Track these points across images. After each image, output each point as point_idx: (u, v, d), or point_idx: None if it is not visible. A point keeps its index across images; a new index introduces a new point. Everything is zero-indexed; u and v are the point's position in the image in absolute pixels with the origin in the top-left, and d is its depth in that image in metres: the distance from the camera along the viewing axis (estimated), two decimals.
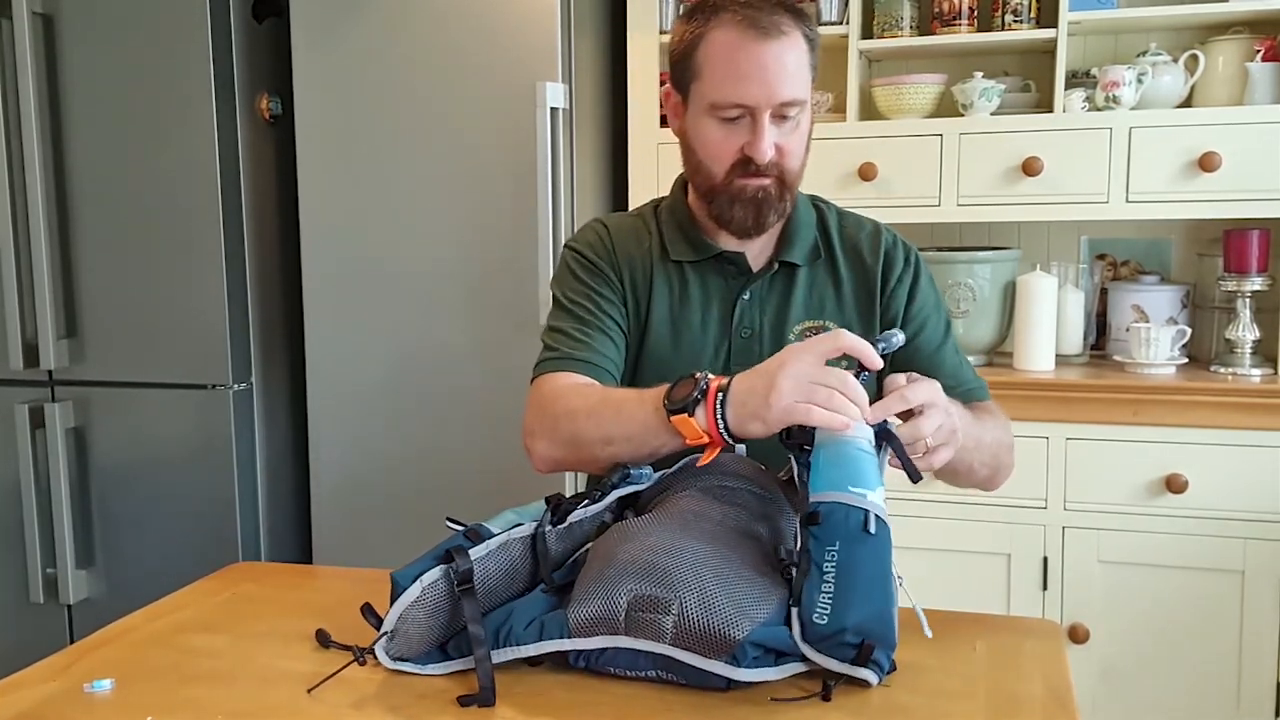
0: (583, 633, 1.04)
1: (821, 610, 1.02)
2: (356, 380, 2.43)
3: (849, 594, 1.02)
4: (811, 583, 1.03)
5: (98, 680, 1.07)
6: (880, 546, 1.05)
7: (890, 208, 2.42)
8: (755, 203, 1.34)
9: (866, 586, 1.03)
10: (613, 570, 1.06)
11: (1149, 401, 2.22)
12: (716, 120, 1.32)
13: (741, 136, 1.32)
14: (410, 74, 2.35)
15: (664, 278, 1.43)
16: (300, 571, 1.52)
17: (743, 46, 1.29)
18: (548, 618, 1.06)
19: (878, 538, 1.04)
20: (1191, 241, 2.58)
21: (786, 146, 1.33)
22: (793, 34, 1.29)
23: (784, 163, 1.33)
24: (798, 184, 1.38)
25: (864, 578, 1.03)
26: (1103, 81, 2.35)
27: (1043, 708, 1.00)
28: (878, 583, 1.04)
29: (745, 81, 1.29)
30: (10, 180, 2.43)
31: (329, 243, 2.43)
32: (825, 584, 1.03)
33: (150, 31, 2.34)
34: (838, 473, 1.07)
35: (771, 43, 1.28)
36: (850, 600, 1.02)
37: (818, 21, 2.58)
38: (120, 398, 2.46)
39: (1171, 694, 2.24)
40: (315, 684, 1.05)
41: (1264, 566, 2.17)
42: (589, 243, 1.46)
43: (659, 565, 1.04)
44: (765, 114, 1.29)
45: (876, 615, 1.03)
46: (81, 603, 2.53)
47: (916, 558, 2.34)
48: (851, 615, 1.01)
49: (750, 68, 1.28)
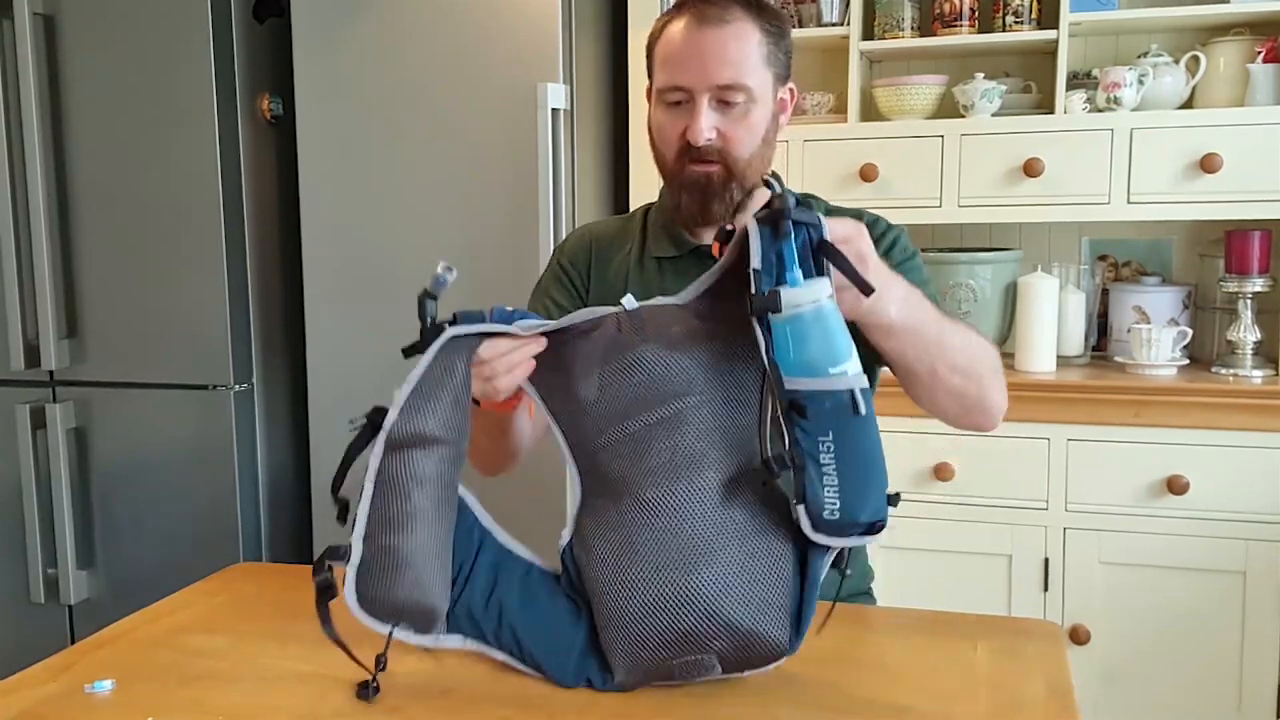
0: (630, 689, 1.05)
1: (830, 505, 1.01)
2: (357, 380, 2.43)
3: (854, 483, 1.01)
4: (811, 479, 1.01)
5: (98, 681, 1.07)
6: (871, 423, 1.02)
7: (891, 208, 2.41)
8: (700, 189, 1.35)
9: (867, 469, 1.01)
10: (635, 626, 1.04)
11: (1150, 403, 2.22)
12: (664, 106, 1.35)
13: (685, 120, 1.33)
14: (411, 74, 2.35)
15: (640, 276, 1.45)
16: (300, 572, 1.52)
17: (684, 34, 1.32)
18: (589, 668, 1.06)
19: (867, 415, 1.01)
20: (1193, 242, 2.58)
21: (731, 133, 1.33)
22: (739, 23, 1.31)
23: (728, 149, 1.33)
24: (750, 175, 1.36)
25: (864, 461, 1.01)
26: (1104, 82, 2.35)
27: (1044, 709, 1.00)
28: (876, 461, 1.02)
29: (683, 65, 1.32)
30: (11, 180, 2.43)
31: (330, 243, 2.43)
32: (827, 476, 1.01)
33: (151, 32, 2.34)
34: (810, 352, 0.99)
35: (710, 29, 1.30)
36: (857, 488, 1.01)
37: (818, 22, 2.59)
38: (121, 398, 2.46)
39: (1172, 695, 2.24)
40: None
41: (1265, 568, 2.17)
42: (569, 249, 1.52)
43: (680, 617, 1.03)
44: (702, 97, 1.31)
45: (881, 493, 1.02)
46: (82, 603, 2.53)
47: (917, 558, 2.34)
48: (861, 505, 1.01)
49: (689, 52, 1.31)
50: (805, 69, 2.75)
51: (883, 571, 1.71)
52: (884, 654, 1.15)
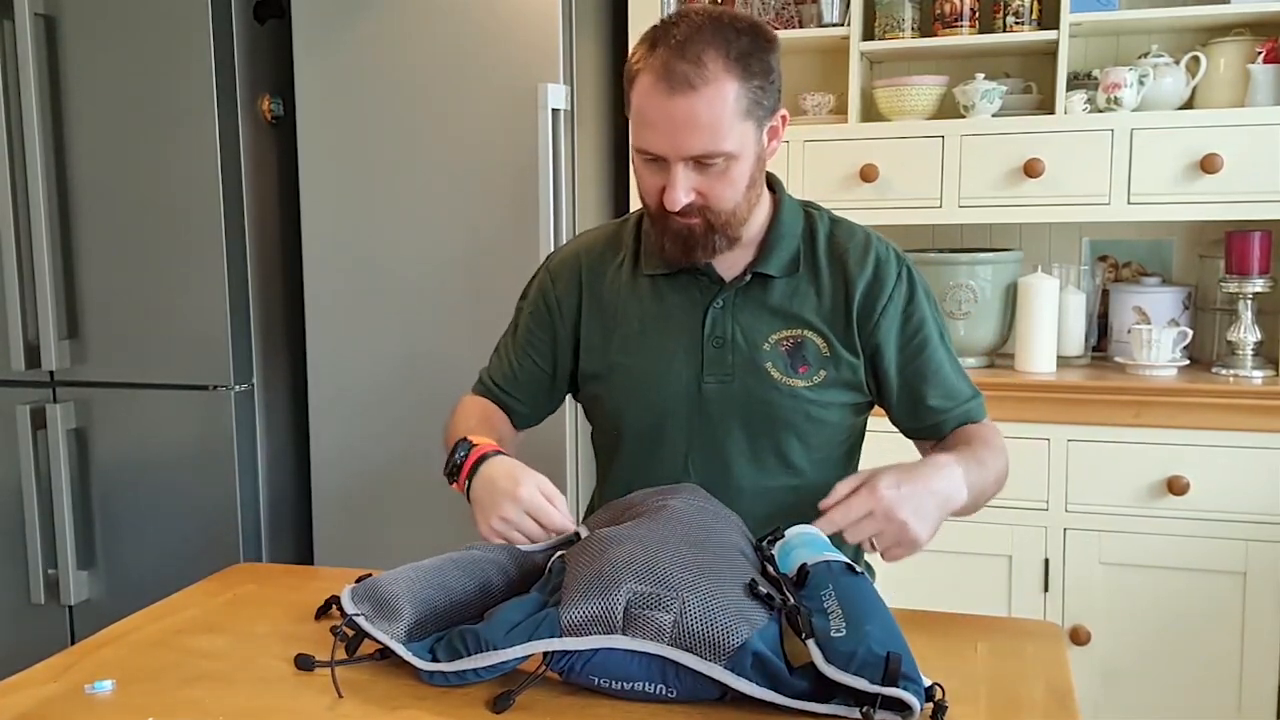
0: (576, 633, 1.00)
1: (838, 628, 0.98)
2: (357, 381, 2.43)
3: (859, 614, 1.00)
4: (817, 617, 1.01)
5: (99, 681, 1.07)
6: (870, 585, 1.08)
7: (891, 209, 2.42)
8: (682, 239, 1.34)
9: (872, 608, 1.02)
10: (609, 568, 1.03)
11: (1150, 403, 2.22)
12: (641, 159, 1.33)
13: (661, 180, 1.31)
14: (412, 75, 2.35)
15: (634, 291, 1.45)
16: (301, 572, 1.52)
17: (653, 98, 1.26)
18: (535, 618, 1.02)
19: (864, 578, 1.07)
20: (1193, 243, 2.58)
21: (710, 191, 1.30)
22: (713, 84, 1.23)
23: (709, 205, 1.31)
24: (735, 220, 1.34)
25: (867, 603, 1.03)
26: (1104, 83, 2.35)
27: (1044, 709, 1.00)
28: (881, 609, 1.03)
29: (654, 132, 1.28)
30: (12, 181, 2.43)
31: (330, 244, 2.44)
32: (832, 613, 1.01)
33: (152, 33, 2.34)
34: (809, 548, 1.12)
35: (679, 99, 1.24)
36: (863, 617, 1.00)
37: (818, 23, 2.59)
38: (122, 399, 2.46)
39: (1173, 696, 2.24)
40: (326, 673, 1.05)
41: (1265, 568, 2.17)
42: (558, 274, 1.52)
43: (659, 564, 1.03)
44: (677, 164, 1.28)
45: (892, 632, 0.99)
46: (82, 604, 2.53)
47: (917, 559, 2.33)
48: (869, 629, 0.98)
49: (658, 119, 1.27)
50: (805, 69, 2.75)
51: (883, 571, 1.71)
52: None
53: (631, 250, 1.47)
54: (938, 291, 2.34)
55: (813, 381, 1.38)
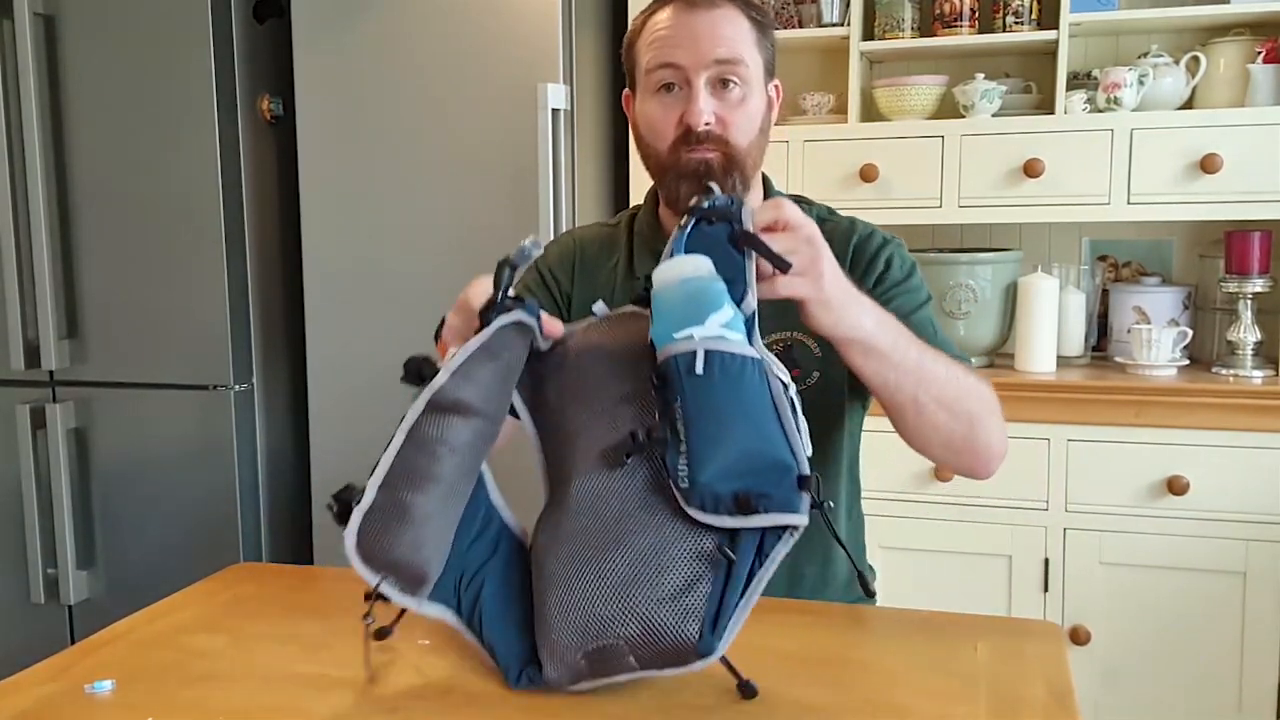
0: (560, 685, 1.01)
1: (681, 472, 0.96)
2: (357, 381, 2.43)
3: (698, 447, 0.96)
4: (672, 447, 0.98)
5: (98, 681, 1.07)
6: (713, 385, 0.96)
7: (891, 209, 2.42)
8: (699, 176, 1.30)
9: (714, 430, 0.96)
10: (555, 611, 1.01)
11: (1150, 403, 2.22)
12: (655, 94, 1.32)
13: (680, 106, 1.30)
14: (411, 75, 2.35)
15: (628, 294, 1.41)
16: (301, 573, 1.52)
17: (674, 19, 1.30)
18: (528, 671, 1.03)
19: (706, 376, 0.96)
20: (1193, 243, 2.58)
21: (729, 118, 1.30)
22: (728, 8, 1.30)
23: (727, 135, 1.30)
24: (749, 165, 1.33)
25: (709, 422, 0.96)
26: (1104, 83, 2.35)
27: (1044, 710, 1.00)
28: (727, 423, 0.96)
29: (675, 45, 1.29)
30: (12, 181, 2.43)
31: (330, 243, 2.44)
32: (680, 444, 0.97)
33: (151, 32, 2.34)
34: (665, 323, 0.99)
35: (702, 12, 1.29)
36: (703, 449, 0.96)
37: (818, 22, 2.59)
38: (121, 398, 2.46)
39: (1173, 696, 2.24)
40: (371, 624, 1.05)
41: (1265, 568, 2.17)
42: (554, 256, 1.49)
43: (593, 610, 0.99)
44: (699, 77, 1.28)
45: (742, 456, 0.95)
46: (82, 603, 2.53)
47: (917, 559, 2.34)
48: (705, 468, 0.95)
49: (681, 34, 1.29)
50: (805, 69, 2.75)
51: (883, 571, 1.71)
52: (884, 654, 1.14)
53: (626, 253, 1.46)
54: (937, 291, 2.34)
55: (805, 385, 1.37)
